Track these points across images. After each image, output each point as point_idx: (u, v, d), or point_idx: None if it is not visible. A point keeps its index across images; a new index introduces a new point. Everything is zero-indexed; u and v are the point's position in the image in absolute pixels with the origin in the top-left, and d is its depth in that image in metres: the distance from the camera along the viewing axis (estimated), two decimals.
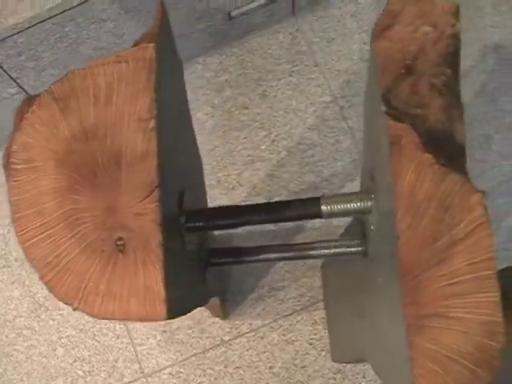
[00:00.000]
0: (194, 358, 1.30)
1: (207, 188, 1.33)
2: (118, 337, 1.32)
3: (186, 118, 0.86)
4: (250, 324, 1.31)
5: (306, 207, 0.73)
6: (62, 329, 1.34)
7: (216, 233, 1.35)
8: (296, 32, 1.45)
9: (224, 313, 1.26)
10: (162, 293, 0.60)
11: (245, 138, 1.39)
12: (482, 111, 1.40)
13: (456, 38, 0.63)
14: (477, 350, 0.54)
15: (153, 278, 0.60)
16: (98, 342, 1.32)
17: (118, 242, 0.62)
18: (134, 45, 0.69)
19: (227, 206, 0.76)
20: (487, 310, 0.54)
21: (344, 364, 1.28)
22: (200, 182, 0.96)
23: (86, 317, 1.28)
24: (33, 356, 1.34)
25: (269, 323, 1.30)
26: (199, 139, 1.39)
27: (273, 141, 1.38)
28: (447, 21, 0.63)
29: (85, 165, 0.63)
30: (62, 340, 1.33)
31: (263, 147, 1.38)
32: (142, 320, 0.60)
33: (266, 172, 1.36)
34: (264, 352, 1.29)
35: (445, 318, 0.54)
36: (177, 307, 0.64)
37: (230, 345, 1.30)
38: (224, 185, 1.37)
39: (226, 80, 1.43)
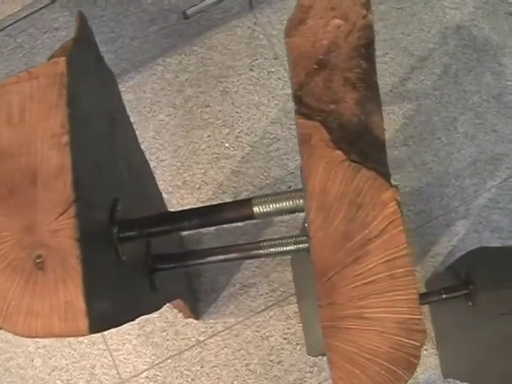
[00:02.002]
0: (170, 361, 1.30)
1: (173, 189, 1.33)
2: (93, 343, 1.32)
3: (122, 125, 0.84)
4: (224, 322, 1.30)
5: (238, 210, 0.72)
6: (38, 339, 1.34)
7: (184, 233, 1.34)
8: (254, 26, 1.44)
9: (195, 313, 1.25)
10: (83, 308, 0.59)
11: (208, 136, 1.38)
12: (446, 93, 1.39)
13: (368, 29, 0.62)
14: (395, 349, 0.53)
15: (73, 294, 0.60)
16: (75, 350, 1.32)
17: (37, 260, 0.61)
18: (49, 59, 0.68)
19: (160, 213, 0.76)
20: (404, 308, 0.53)
21: (320, 357, 1.28)
22: (146, 188, 0.95)
23: None
24: (11, 368, 1.34)
25: (242, 320, 1.30)
26: (162, 141, 1.39)
27: (236, 137, 1.37)
28: (358, 12, 0.62)
29: (2, 184, 0.62)
30: (39, 350, 1.33)
31: (227, 144, 1.37)
32: (64, 336, 0.59)
33: (231, 169, 1.35)
34: (239, 350, 1.29)
35: (361, 318, 0.54)
36: (106, 320, 0.63)
37: (206, 344, 1.30)
38: (190, 185, 1.36)
39: (187, 79, 1.41)
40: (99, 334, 1.32)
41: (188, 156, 1.37)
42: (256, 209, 0.70)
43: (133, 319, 0.76)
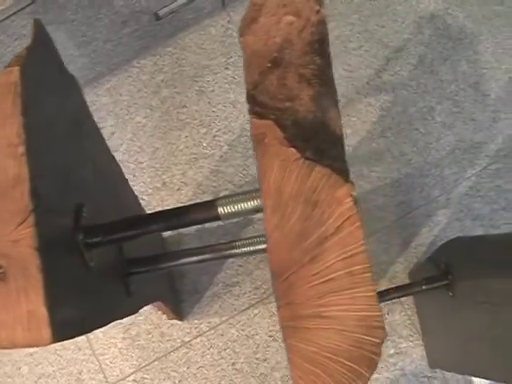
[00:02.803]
0: (156, 363, 1.30)
1: (153, 191, 1.32)
2: (79, 349, 1.32)
3: (87, 130, 0.84)
4: (209, 322, 1.30)
5: (203, 211, 0.71)
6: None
7: (165, 235, 1.34)
8: (228, 24, 1.43)
9: (178, 314, 1.25)
10: (46, 316, 0.59)
11: (186, 136, 1.37)
12: (422, 83, 1.38)
13: (322, 24, 0.61)
14: (355, 347, 0.53)
15: (35, 303, 0.59)
16: (61, 357, 1.32)
17: None
18: (5, 68, 0.67)
19: (127, 218, 0.75)
20: (364, 306, 0.53)
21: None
22: (118, 192, 0.94)
23: None
24: None
25: (227, 320, 1.30)
26: (140, 143, 1.38)
27: (214, 136, 1.37)
28: (311, 8, 0.61)
29: None
30: (26, 358, 1.33)
31: (205, 144, 1.36)
32: (29, 346, 0.59)
33: (210, 169, 1.35)
34: (225, 349, 1.29)
35: (320, 317, 0.53)
36: (73, 327, 0.63)
37: (191, 345, 1.29)
38: (169, 186, 1.35)
39: (162, 80, 1.41)
40: (85, 339, 1.32)
41: (166, 157, 1.36)
42: (221, 210, 0.70)
43: (105, 324, 0.76)
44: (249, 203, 0.68)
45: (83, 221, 0.72)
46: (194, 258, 0.87)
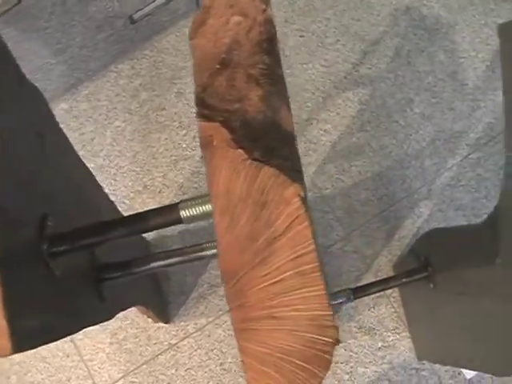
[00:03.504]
0: (145, 366, 1.30)
1: (135, 195, 1.32)
2: (67, 356, 1.32)
3: (52, 139, 0.84)
4: (195, 324, 1.30)
5: (166, 215, 0.71)
6: (11, 356, 1.34)
7: (149, 238, 1.34)
8: None
9: (162, 317, 1.25)
10: (5, 327, 0.59)
11: (165, 138, 1.37)
12: (400, 75, 1.38)
13: (269, 23, 0.61)
14: (308, 347, 0.53)
15: None
16: (49, 364, 1.32)
17: None
18: None
19: (90, 225, 0.75)
20: (315, 305, 0.53)
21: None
22: (89, 199, 0.94)
23: None
24: None
25: (213, 320, 1.30)
26: (120, 147, 1.38)
27: (194, 137, 1.37)
28: (257, 7, 0.61)
29: None
30: (14, 367, 1.33)
31: (184, 145, 1.36)
32: None
33: (190, 170, 1.35)
34: (212, 350, 1.29)
35: (272, 318, 0.53)
36: (38, 336, 0.63)
37: (178, 347, 1.30)
38: (151, 189, 1.35)
39: (140, 84, 1.41)
40: (72, 346, 1.32)
41: (147, 160, 1.36)
42: (183, 213, 0.70)
43: (76, 331, 0.76)
44: (210, 206, 0.68)
45: (48, 230, 0.71)
46: (165, 262, 0.87)
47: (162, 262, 0.86)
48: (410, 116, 1.35)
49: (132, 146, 1.37)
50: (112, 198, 1.31)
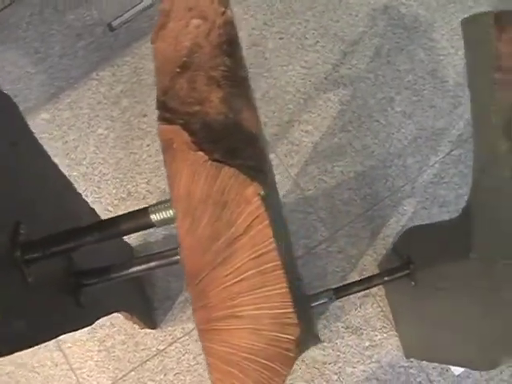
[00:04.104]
0: (133, 373, 1.30)
1: (119, 202, 1.32)
2: (56, 365, 1.32)
3: (26, 148, 0.84)
4: (183, 328, 1.30)
5: (136, 219, 0.71)
6: (1, 366, 1.34)
7: (134, 244, 1.34)
8: None
9: (147, 323, 1.25)
10: None
11: (148, 145, 1.37)
12: (380, 75, 1.38)
13: (229, 25, 0.61)
14: (270, 345, 0.53)
15: None
16: (38, 374, 1.32)
17: None
18: None
19: (62, 232, 0.75)
20: (276, 303, 0.53)
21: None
22: (66, 206, 0.95)
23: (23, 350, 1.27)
24: None
25: None
26: (103, 155, 1.38)
27: None
28: (216, 10, 0.62)
29: None
30: (3, 378, 1.33)
31: None
32: None
33: None
34: (200, 354, 1.29)
35: (235, 318, 0.53)
36: (9, 343, 0.63)
37: (166, 352, 1.30)
38: (135, 196, 1.35)
39: (122, 91, 1.41)
40: (61, 354, 1.32)
41: (130, 167, 1.36)
42: (153, 216, 0.70)
43: (52, 338, 0.76)
44: None
45: (21, 238, 0.72)
46: (143, 267, 0.87)
47: (140, 267, 0.86)
48: (391, 115, 1.36)
49: (115, 152, 1.37)
50: (96, 205, 1.32)
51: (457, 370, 1.28)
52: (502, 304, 0.71)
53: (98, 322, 1.31)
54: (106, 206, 1.34)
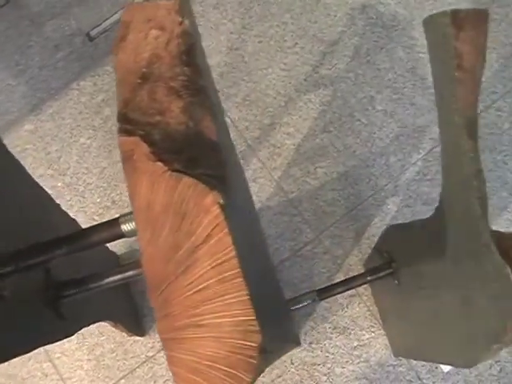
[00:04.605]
0: (123, 381, 1.30)
1: (104, 210, 1.33)
2: (46, 375, 1.32)
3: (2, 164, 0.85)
4: None
5: (107, 230, 0.72)
6: None
7: (120, 252, 1.35)
8: None
9: (137, 330, 1.26)
10: None
11: None
12: (360, 74, 1.38)
13: (187, 35, 0.62)
14: (233, 352, 0.53)
15: None
16: None
17: None
18: None
19: (33, 245, 0.75)
20: (238, 311, 0.53)
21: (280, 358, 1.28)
22: (43, 217, 0.95)
23: (12, 362, 1.28)
24: None
25: None
26: (87, 164, 1.39)
27: None
28: (174, 20, 0.62)
29: None
30: None
31: None
32: None
33: None
34: None
35: (198, 326, 0.54)
36: None
37: (155, 359, 1.30)
38: (119, 204, 1.36)
39: (103, 99, 1.41)
40: (50, 365, 1.32)
41: (114, 176, 1.36)
42: (124, 227, 0.70)
43: (31, 350, 0.76)
44: None
45: None
46: (122, 275, 0.87)
47: (119, 276, 0.87)
48: (372, 114, 1.36)
49: (98, 162, 1.38)
50: (81, 215, 1.32)
51: (446, 368, 1.28)
52: (473, 302, 0.72)
53: (86, 330, 1.32)
54: (91, 216, 1.35)
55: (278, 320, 0.84)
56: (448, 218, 0.77)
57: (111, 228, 0.72)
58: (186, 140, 0.60)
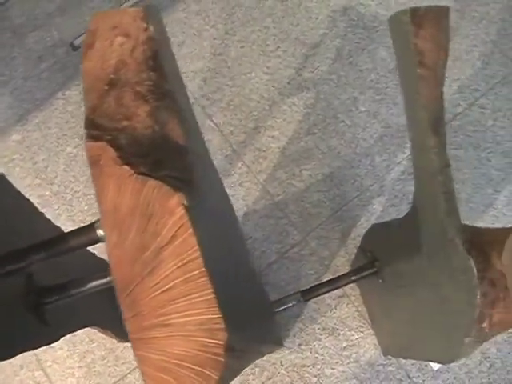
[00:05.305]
0: None
1: (92, 218, 1.33)
2: None
3: None
4: None
5: (83, 235, 0.73)
6: None
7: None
8: None
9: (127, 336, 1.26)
10: None
11: None
12: (343, 76, 1.39)
13: (152, 40, 0.63)
14: (200, 350, 0.54)
15: None
16: None
17: None
18: None
19: (9, 252, 0.76)
20: (204, 310, 0.54)
21: (260, 358, 1.29)
22: (24, 225, 0.96)
23: (4, 371, 1.28)
24: None
25: None
26: (74, 172, 1.40)
27: None
28: (138, 27, 0.63)
29: None
30: None
31: None
32: None
33: None
34: None
35: (165, 326, 0.54)
36: None
37: None
38: None
39: None
40: (42, 373, 1.33)
41: None
42: (99, 231, 0.71)
43: (12, 356, 0.77)
44: None
45: None
46: (102, 281, 0.88)
47: (101, 281, 0.87)
48: (356, 115, 1.37)
49: (85, 170, 1.39)
50: (70, 223, 1.33)
51: (435, 365, 1.29)
52: (446, 297, 0.72)
53: (77, 338, 1.33)
54: (79, 224, 1.36)
55: (257, 321, 0.85)
56: (421, 215, 0.78)
57: (88, 233, 0.72)
58: (153, 143, 0.61)
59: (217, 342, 0.54)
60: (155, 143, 0.61)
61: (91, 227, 0.72)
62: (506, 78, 1.39)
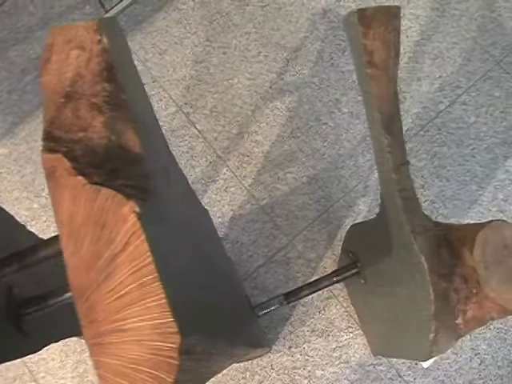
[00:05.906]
0: None
1: None
2: None
3: None
4: None
5: (51, 246, 0.74)
6: None
7: None
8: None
9: None
10: None
11: None
12: (325, 78, 1.40)
13: (106, 52, 0.64)
14: (154, 354, 0.55)
15: None
16: None
17: None
18: None
19: None
20: (157, 314, 0.55)
21: (250, 361, 1.29)
22: (5, 237, 0.97)
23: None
24: None
25: None
26: None
27: None
28: (92, 39, 0.64)
29: None
30: None
31: None
32: None
33: None
34: None
35: (120, 331, 0.55)
36: None
37: None
38: None
39: None
40: None
41: None
42: None
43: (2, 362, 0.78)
44: None
45: None
46: None
47: None
48: (338, 117, 1.38)
49: None
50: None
51: (426, 363, 1.28)
52: (413, 295, 0.73)
53: (68, 348, 1.34)
54: None
55: (229, 323, 0.86)
56: (387, 214, 0.79)
57: (57, 243, 0.73)
58: (109, 153, 0.62)
59: (170, 345, 0.55)
60: (111, 153, 0.63)
61: (59, 237, 0.73)
62: (486, 74, 1.40)
